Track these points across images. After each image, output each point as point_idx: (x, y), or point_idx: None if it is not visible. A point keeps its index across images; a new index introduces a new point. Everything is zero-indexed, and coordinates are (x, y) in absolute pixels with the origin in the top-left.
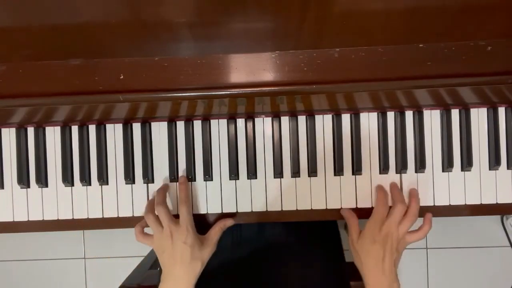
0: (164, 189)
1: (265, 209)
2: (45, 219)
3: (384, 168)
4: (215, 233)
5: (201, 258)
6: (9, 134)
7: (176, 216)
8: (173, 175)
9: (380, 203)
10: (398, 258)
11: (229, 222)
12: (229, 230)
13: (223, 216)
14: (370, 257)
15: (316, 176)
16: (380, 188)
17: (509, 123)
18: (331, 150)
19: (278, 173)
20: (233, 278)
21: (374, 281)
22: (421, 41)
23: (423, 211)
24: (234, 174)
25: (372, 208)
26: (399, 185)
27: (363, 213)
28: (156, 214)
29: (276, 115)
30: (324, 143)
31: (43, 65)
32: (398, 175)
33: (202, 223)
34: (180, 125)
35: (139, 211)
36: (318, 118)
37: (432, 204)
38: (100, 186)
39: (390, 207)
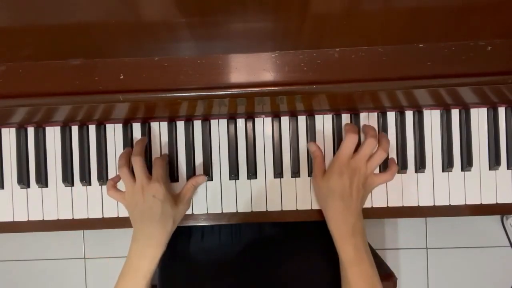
0: (143, 141)
1: (265, 209)
2: (45, 219)
3: (384, 168)
4: (187, 190)
5: (173, 216)
6: (9, 134)
7: None
8: (173, 175)
9: (348, 133)
10: (364, 196)
11: (201, 179)
12: (229, 230)
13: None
14: (336, 192)
15: None
16: (349, 123)
17: (509, 123)
18: (331, 150)
19: (278, 173)
20: (233, 278)
21: (338, 219)
22: (421, 41)
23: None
24: (234, 174)
25: (372, 208)
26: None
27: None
28: (132, 164)
29: (276, 115)
30: (324, 143)
31: (43, 65)
32: (398, 175)
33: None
34: (180, 125)
35: None
36: (318, 118)
37: (432, 204)
38: (100, 186)
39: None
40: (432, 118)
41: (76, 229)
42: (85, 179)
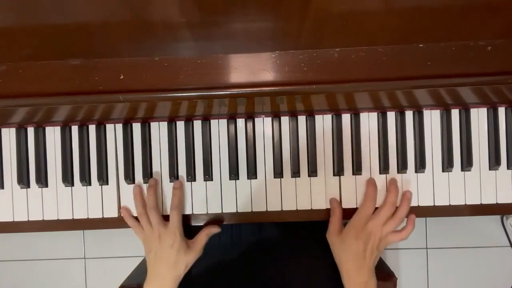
0: (154, 188)
1: (265, 209)
2: (45, 219)
3: (384, 168)
4: (201, 239)
5: (186, 261)
6: (9, 134)
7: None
8: (173, 175)
9: (368, 199)
10: (377, 256)
11: (215, 230)
12: (229, 230)
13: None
14: (350, 253)
15: (316, 176)
16: (370, 184)
17: (509, 123)
18: (331, 150)
19: (278, 173)
20: (233, 278)
21: (352, 277)
22: (421, 41)
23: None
24: (234, 174)
25: None
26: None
27: None
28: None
29: (276, 115)
30: (324, 143)
31: (43, 65)
32: (398, 175)
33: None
34: (180, 125)
35: None
36: (318, 118)
37: (432, 204)
38: (100, 186)
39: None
40: (432, 118)
41: (76, 229)
42: (85, 179)
